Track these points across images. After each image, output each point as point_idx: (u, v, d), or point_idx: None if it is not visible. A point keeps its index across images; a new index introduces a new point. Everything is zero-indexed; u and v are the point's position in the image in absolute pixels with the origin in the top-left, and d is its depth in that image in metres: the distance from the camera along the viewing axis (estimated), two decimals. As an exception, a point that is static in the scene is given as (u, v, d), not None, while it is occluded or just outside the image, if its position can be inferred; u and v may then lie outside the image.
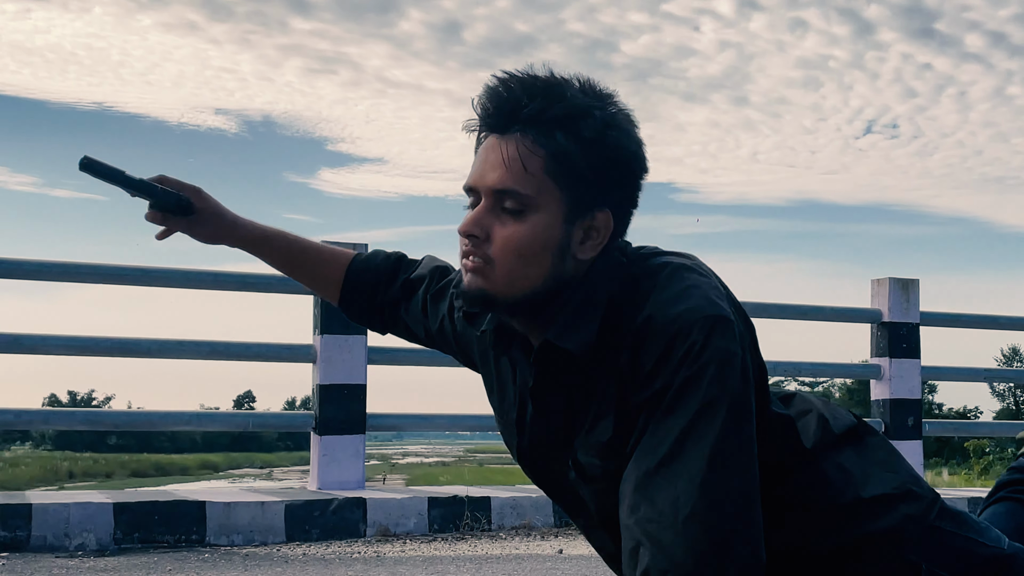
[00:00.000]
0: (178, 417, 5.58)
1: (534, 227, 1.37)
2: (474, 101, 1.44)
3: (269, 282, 5.98)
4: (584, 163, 1.37)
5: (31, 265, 5.40)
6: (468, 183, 1.44)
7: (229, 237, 1.82)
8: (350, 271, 1.84)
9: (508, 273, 1.38)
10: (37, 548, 4.48)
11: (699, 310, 1.32)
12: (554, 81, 1.39)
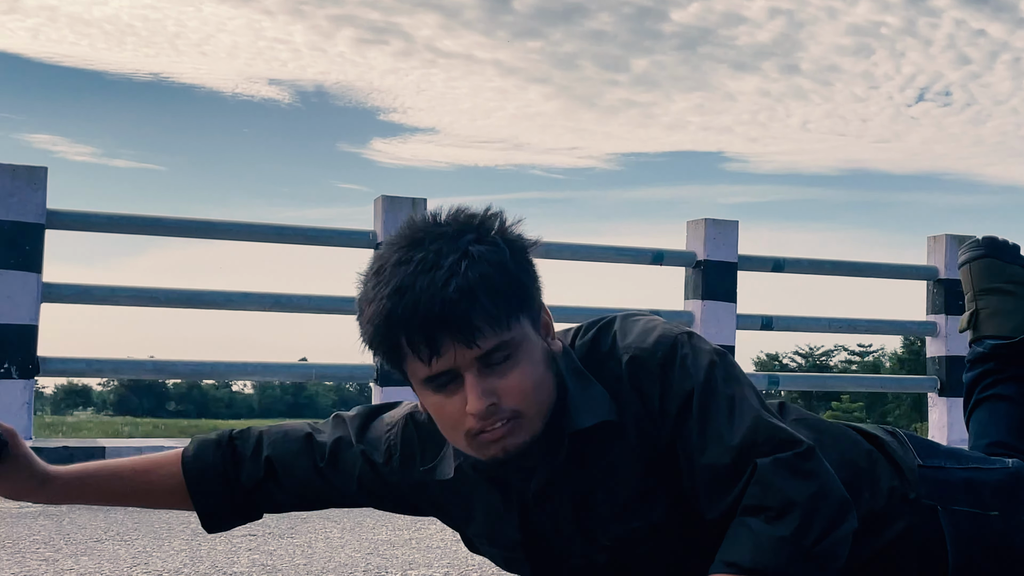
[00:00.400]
0: (243, 368, 5.73)
1: (529, 358, 1.40)
2: (403, 343, 1.36)
3: (331, 235, 6.11)
4: (519, 280, 1.38)
5: (100, 218, 5.59)
6: (438, 368, 1.35)
7: (37, 493, 1.65)
8: (186, 464, 1.68)
9: (537, 411, 1.41)
10: (112, 489, 4.65)
11: (669, 333, 1.46)
12: (450, 261, 1.33)
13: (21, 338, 5.17)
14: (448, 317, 1.31)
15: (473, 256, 1.33)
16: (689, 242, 7.07)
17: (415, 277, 1.32)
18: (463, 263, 1.32)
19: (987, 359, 2.07)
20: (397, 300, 1.32)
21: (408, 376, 1.42)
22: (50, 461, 4.56)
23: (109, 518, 3.65)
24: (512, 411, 1.38)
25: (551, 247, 6.69)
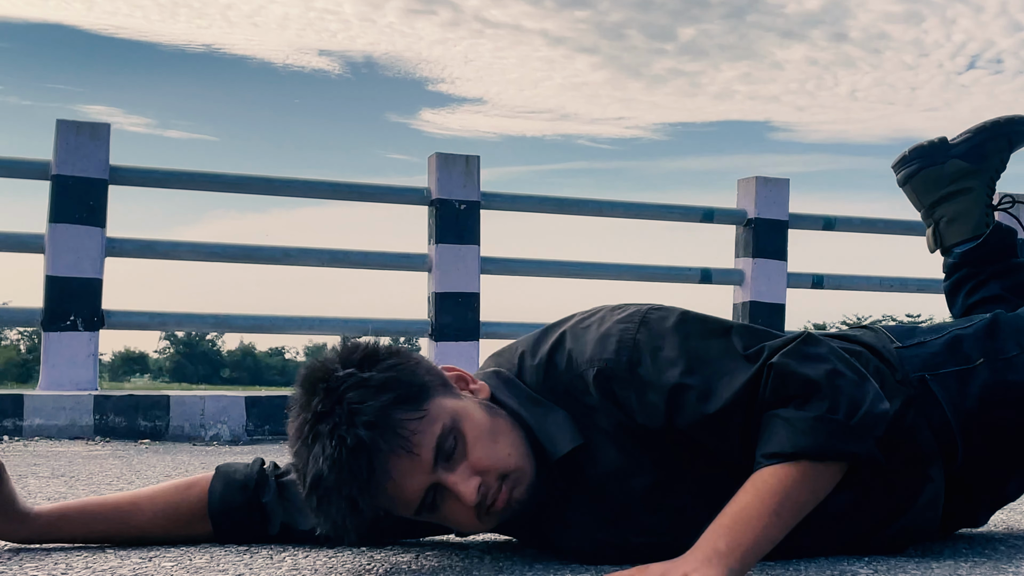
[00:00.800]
0: (300, 322, 5.83)
1: (471, 422, 1.42)
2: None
3: (385, 192, 6.18)
4: (404, 385, 1.37)
5: (161, 173, 5.70)
6: (423, 486, 1.38)
7: (16, 533, 1.60)
8: (213, 506, 1.65)
9: (518, 457, 1.43)
10: (175, 437, 4.79)
11: (627, 332, 1.47)
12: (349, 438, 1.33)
13: (86, 291, 5.30)
14: (374, 485, 1.33)
15: (356, 408, 1.33)
16: (740, 200, 7.05)
17: (321, 496, 1.33)
18: (357, 417, 1.32)
19: (960, 267, 2.06)
20: (326, 516, 1.35)
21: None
22: (116, 409, 4.70)
23: (177, 459, 3.76)
24: (499, 474, 1.41)
25: (602, 204, 6.71)
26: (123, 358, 79.31)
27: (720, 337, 1.47)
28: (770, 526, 1.30)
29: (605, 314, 1.52)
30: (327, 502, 1.34)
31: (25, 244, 5.38)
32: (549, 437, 1.47)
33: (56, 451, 3.98)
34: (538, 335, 1.56)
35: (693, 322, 1.49)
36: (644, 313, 1.49)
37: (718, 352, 1.45)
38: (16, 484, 2.66)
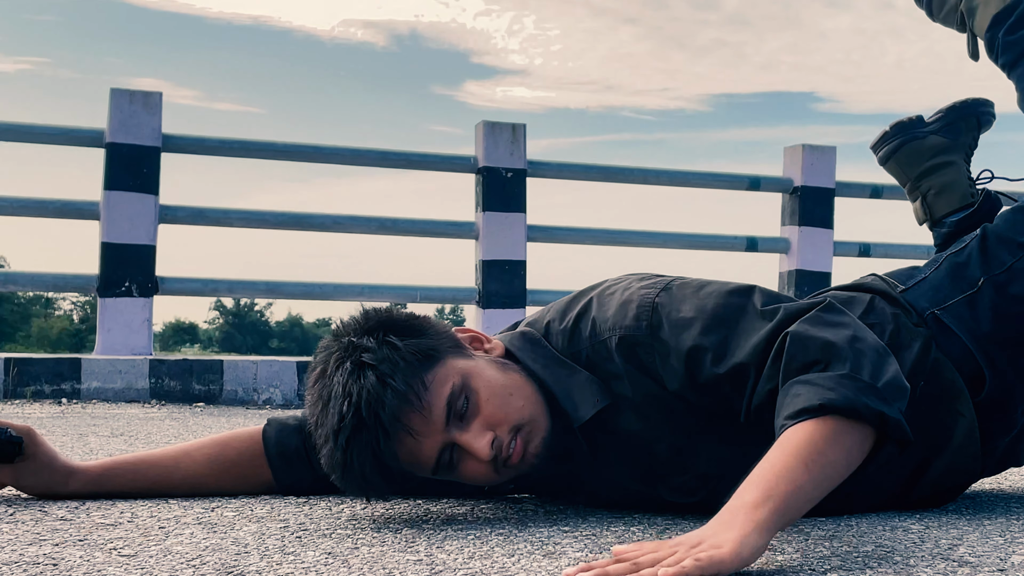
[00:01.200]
0: (349, 289, 5.89)
1: (482, 379, 1.45)
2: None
3: (433, 160, 6.22)
4: (416, 350, 1.42)
5: (212, 141, 5.77)
6: (437, 445, 1.42)
7: (65, 486, 1.64)
8: (268, 444, 1.71)
9: (530, 411, 1.46)
10: (228, 401, 4.88)
11: (647, 298, 1.47)
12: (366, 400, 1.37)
13: (140, 258, 5.40)
14: (387, 449, 1.37)
15: (368, 364, 1.38)
16: (786, 168, 7.01)
17: (340, 450, 1.38)
18: (367, 377, 1.36)
19: (954, 236, 2.06)
20: (348, 471, 1.39)
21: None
22: (171, 373, 4.81)
23: (232, 421, 3.85)
24: (512, 427, 1.45)
25: (648, 173, 6.69)
26: (174, 328, 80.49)
27: (739, 296, 1.46)
28: (800, 481, 1.20)
29: (631, 281, 1.53)
30: (344, 467, 1.39)
31: (81, 211, 5.49)
32: (571, 400, 1.50)
33: (113, 413, 4.08)
34: (567, 301, 1.58)
35: (713, 284, 1.48)
36: (668, 281, 1.50)
37: (735, 311, 1.44)
38: (78, 442, 2.76)
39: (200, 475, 1.70)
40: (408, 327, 1.46)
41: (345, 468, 1.39)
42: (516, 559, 1.24)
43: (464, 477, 1.47)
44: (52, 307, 63.12)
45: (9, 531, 1.38)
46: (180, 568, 1.16)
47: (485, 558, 1.25)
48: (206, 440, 1.72)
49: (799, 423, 1.26)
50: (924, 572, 1.21)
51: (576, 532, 1.44)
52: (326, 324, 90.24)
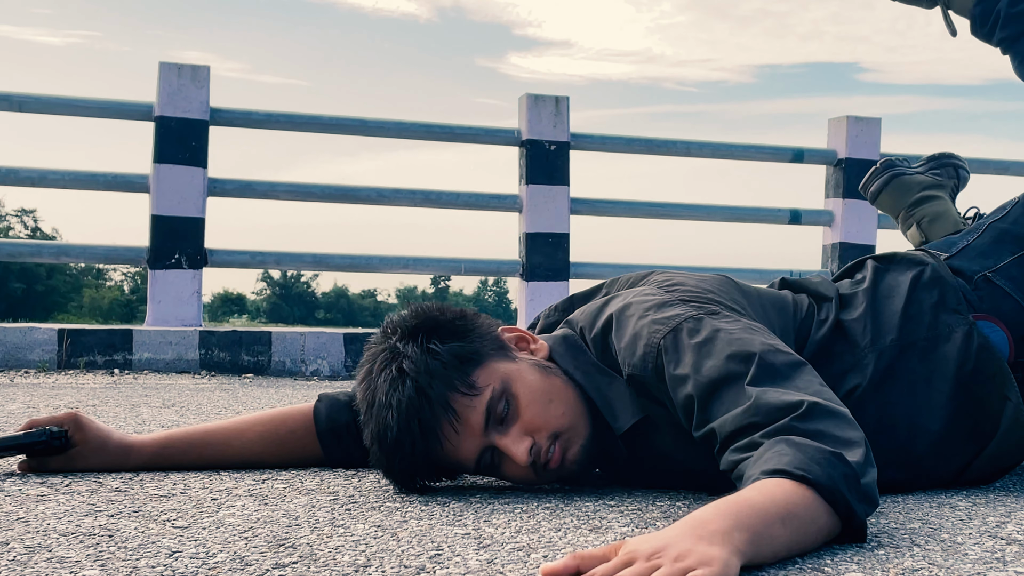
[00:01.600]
0: (395, 261, 5.93)
1: (523, 384, 1.47)
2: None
3: (477, 133, 6.22)
4: (456, 353, 1.45)
5: (259, 115, 5.81)
6: (470, 460, 1.47)
7: (124, 461, 1.68)
8: (319, 421, 1.74)
9: (570, 418, 1.48)
10: (277, 372, 4.94)
11: (654, 338, 1.42)
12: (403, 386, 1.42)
13: (189, 230, 5.47)
14: (432, 442, 1.43)
15: (407, 373, 1.42)
16: (830, 140, 6.95)
17: (384, 455, 1.45)
18: (405, 386, 1.41)
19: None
20: (391, 473, 1.49)
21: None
22: (220, 344, 4.87)
23: (280, 392, 3.90)
24: (551, 434, 1.47)
25: (691, 145, 6.65)
26: (222, 299, 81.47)
27: (738, 363, 1.33)
28: (775, 532, 1.08)
29: (646, 305, 1.47)
30: (388, 470, 1.48)
31: (132, 184, 5.56)
32: (611, 409, 1.50)
33: (164, 383, 4.15)
34: (595, 312, 1.56)
35: (719, 340, 1.37)
36: (678, 321, 1.42)
37: (727, 380, 1.33)
38: (130, 413, 2.81)
39: (254, 451, 1.74)
40: (452, 329, 1.48)
41: (388, 471, 1.49)
42: (563, 533, 1.26)
43: (505, 477, 1.51)
44: (103, 278, 64.13)
45: (66, 502, 1.42)
46: (232, 540, 1.19)
47: (532, 532, 1.26)
48: (260, 416, 1.76)
49: (775, 478, 1.15)
50: (972, 550, 1.20)
51: (622, 506, 1.45)
52: (372, 295, 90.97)
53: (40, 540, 1.17)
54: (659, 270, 1.65)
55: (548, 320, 1.76)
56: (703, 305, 1.46)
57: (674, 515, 1.41)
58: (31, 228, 64.04)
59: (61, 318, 45.78)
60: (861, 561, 1.13)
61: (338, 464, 1.77)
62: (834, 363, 1.58)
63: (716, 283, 1.57)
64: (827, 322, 1.62)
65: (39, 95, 5.46)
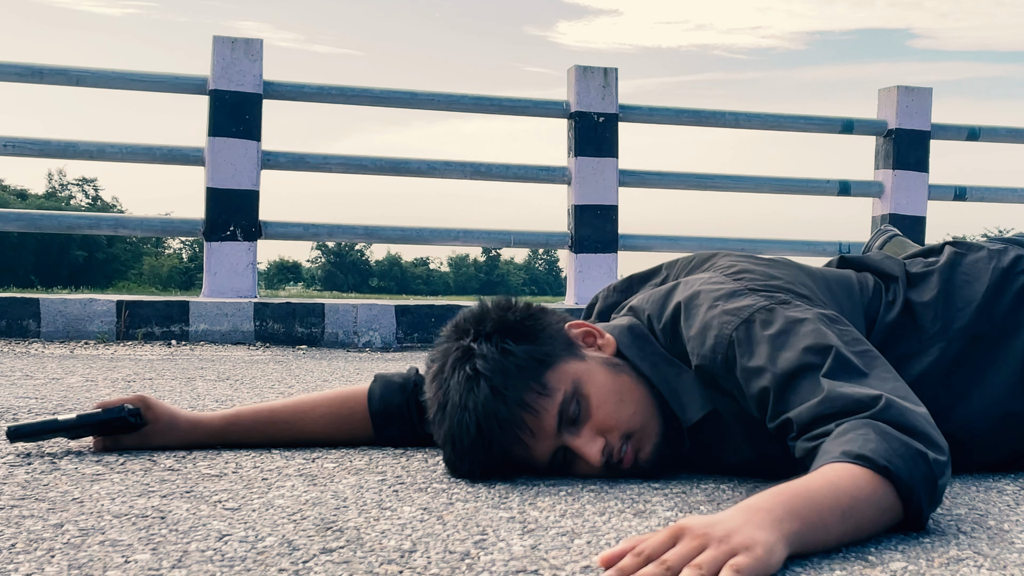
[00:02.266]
0: (446, 233, 5.95)
1: (594, 383, 1.47)
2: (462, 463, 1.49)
3: (526, 105, 6.20)
4: (528, 356, 1.45)
5: (311, 88, 5.85)
6: (549, 449, 1.47)
7: (192, 437, 1.73)
8: (373, 402, 1.77)
9: (642, 416, 1.48)
10: (330, 344, 5.00)
11: (725, 329, 1.40)
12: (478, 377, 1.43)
13: (244, 202, 5.53)
14: (507, 444, 1.44)
15: (482, 374, 1.42)
16: (880, 110, 6.86)
17: (458, 456, 1.47)
18: (480, 388, 1.42)
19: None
20: (461, 465, 1.48)
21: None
22: (274, 316, 4.94)
23: (333, 365, 3.94)
24: (623, 435, 1.47)
25: (739, 116, 6.58)
26: (278, 267, 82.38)
27: (814, 354, 1.32)
28: (831, 522, 1.10)
29: (716, 294, 1.45)
30: (458, 470, 1.50)
31: (187, 157, 5.62)
32: (679, 401, 1.50)
33: (220, 355, 4.22)
34: (661, 299, 1.55)
35: (795, 331, 1.35)
36: (751, 311, 1.39)
37: (804, 371, 1.31)
38: (185, 387, 2.86)
39: (316, 430, 1.77)
40: (524, 329, 1.48)
41: (458, 471, 1.50)
42: (607, 518, 1.27)
43: (578, 475, 1.52)
44: (163, 245, 65.07)
45: (120, 481, 1.45)
46: (281, 523, 1.21)
47: (576, 516, 1.27)
48: (323, 396, 1.79)
49: (852, 465, 1.15)
50: (1019, 538, 1.19)
51: (666, 489, 1.46)
52: (424, 263, 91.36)
53: (94, 522, 1.20)
54: (722, 253, 1.62)
55: (607, 302, 1.75)
56: (773, 294, 1.43)
57: (718, 498, 1.41)
58: (92, 196, 65.16)
59: (121, 285, 46.58)
60: (905, 550, 1.13)
61: (388, 444, 1.80)
62: (898, 345, 1.56)
63: (782, 268, 1.54)
64: (896, 303, 1.59)
65: (96, 69, 5.54)
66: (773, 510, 1.06)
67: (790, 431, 1.30)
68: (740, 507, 1.07)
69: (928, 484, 1.17)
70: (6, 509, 1.26)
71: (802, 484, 1.12)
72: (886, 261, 1.68)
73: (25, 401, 2.43)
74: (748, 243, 6.49)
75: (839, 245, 6.68)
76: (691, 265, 1.65)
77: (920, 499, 1.17)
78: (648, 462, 1.50)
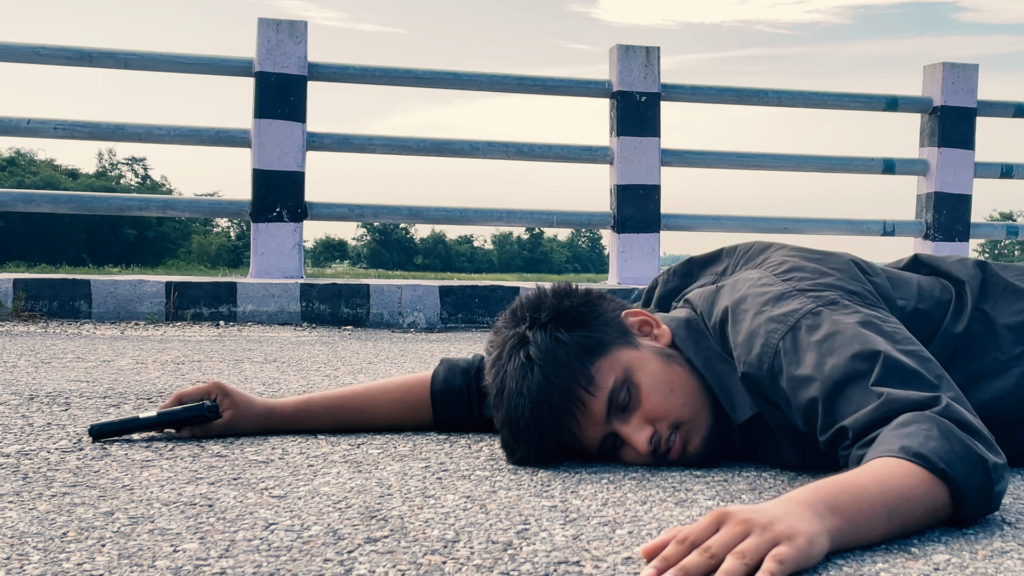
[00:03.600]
0: (489, 214, 5.96)
1: (646, 372, 1.48)
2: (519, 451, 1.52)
3: (568, 85, 6.17)
4: (581, 343, 1.47)
5: (355, 69, 5.86)
6: (598, 435, 1.49)
7: (268, 423, 1.77)
8: (435, 384, 1.81)
9: (692, 407, 1.48)
10: (375, 324, 5.04)
11: (772, 338, 1.38)
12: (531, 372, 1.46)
13: (289, 184, 5.57)
14: (559, 429, 1.47)
15: (535, 361, 1.45)
16: (925, 87, 6.76)
17: (514, 438, 1.49)
18: (533, 374, 1.44)
19: None
20: (518, 448, 1.50)
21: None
22: (320, 297, 4.97)
23: (378, 346, 3.97)
24: (671, 424, 1.49)
25: (782, 94, 6.50)
26: (324, 245, 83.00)
27: (862, 361, 1.29)
28: (876, 523, 1.09)
29: (763, 298, 1.43)
30: (514, 453, 1.51)
31: (233, 139, 5.67)
32: (730, 399, 1.50)
33: (267, 336, 4.27)
34: (710, 299, 1.54)
35: (839, 337, 1.32)
36: (799, 318, 1.37)
37: (853, 378, 1.28)
38: (233, 368, 2.90)
39: (385, 416, 1.82)
40: (578, 316, 1.50)
41: (515, 454, 1.52)
42: (648, 507, 1.27)
43: (626, 462, 1.53)
44: (211, 224, 65.76)
45: (169, 467, 1.48)
46: (326, 511, 1.23)
47: (618, 505, 1.28)
48: (391, 383, 1.84)
49: (907, 462, 1.13)
50: (1066, 532, 1.18)
51: (708, 477, 1.46)
52: (468, 241, 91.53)
53: (143, 510, 1.23)
54: (776, 245, 1.59)
55: (667, 287, 1.74)
56: (821, 294, 1.41)
57: (760, 486, 1.41)
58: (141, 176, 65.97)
59: (171, 263, 47.16)
60: (949, 542, 1.13)
61: (443, 425, 1.82)
62: (972, 362, 1.50)
63: (836, 264, 1.49)
64: (964, 313, 1.53)
65: (143, 52, 5.59)
66: (814, 504, 1.05)
67: (844, 439, 1.27)
68: (782, 499, 1.07)
69: (983, 491, 1.16)
70: (58, 496, 1.29)
71: (849, 480, 1.11)
72: (958, 265, 1.62)
73: (77, 384, 2.48)
74: (792, 222, 6.43)
75: (883, 224, 6.60)
76: (749, 254, 1.62)
77: (972, 505, 1.16)
78: (697, 455, 1.51)
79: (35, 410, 2.04)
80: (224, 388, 1.74)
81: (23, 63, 5.53)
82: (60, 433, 1.76)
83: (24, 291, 4.79)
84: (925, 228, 6.70)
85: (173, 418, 1.70)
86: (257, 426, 1.76)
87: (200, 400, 1.72)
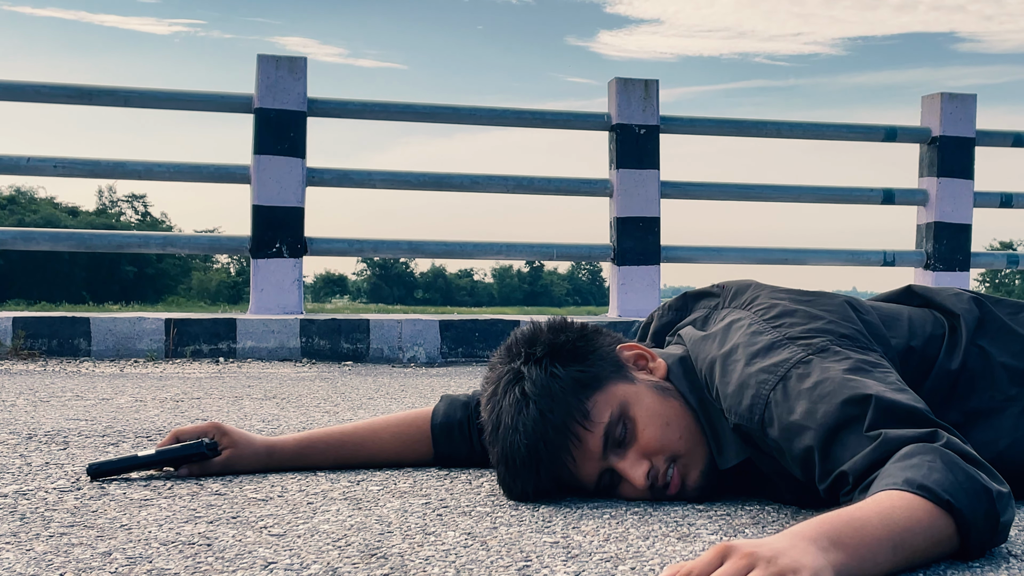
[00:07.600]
0: (489, 247, 5.96)
1: (641, 406, 1.48)
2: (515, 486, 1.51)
3: (567, 118, 6.20)
4: (576, 379, 1.46)
5: (355, 105, 5.90)
6: (595, 471, 1.48)
7: (269, 461, 1.76)
8: (435, 418, 1.80)
9: (689, 441, 1.48)
10: (375, 359, 5.02)
11: (763, 389, 1.37)
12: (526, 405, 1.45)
13: (289, 219, 5.58)
14: (555, 465, 1.46)
15: (530, 397, 1.44)
16: (924, 117, 6.80)
17: (510, 475, 1.48)
18: (529, 410, 1.44)
19: None
20: (514, 485, 1.49)
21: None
22: (320, 332, 4.96)
23: (378, 381, 3.96)
24: (668, 458, 1.48)
25: (781, 126, 6.53)
26: (324, 280, 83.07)
27: (854, 406, 1.28)
28: (881, 556, 1.07)
29: (755, 350, 1.42)
30: (511, 490, 1.50)
31: (233, 175, 5.69)
32: (719, 443, 1.49)
33: (267, 372, 4.26)
34: (699, 344, 1.53)
35: (828, 383, 1.31)
36: (789, 368, 1.36)
37: (846, 424, 1.28)
38: (233, 406, 2.89)
39: (386, 451, 1.81)
40: (573, 351, 1.50)
41: (512, 491, 1.51)
42: (651, 542, 1.26)
43: (624, 498, 1.52)
44: (211, 260, 65.85)
45: (167, 507, 1.47)
46: (326, 548, 1.22)
47: (620, 540, 1.26)
48: (392, 418, 1.83)
49: (908, 494, 1.12)
50: (1074, 565, 1.17)
51: (710, 512, 1.45)
52: (468, 275, 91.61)
53: (141, 550, 1.21)
54: (768, 289, 1.57)
55: (662, 320, 1.74)
56: (811, 342, 1.40)
57: (763, 520, 1.40)
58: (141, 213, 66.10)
59: (171, 299, 47.14)
60: (954, 574, 1.11)
61: (444, 460, 1.81)
62: (970, 398, 1.49)
63: (828, 306, 1.48)
64: (958, 348, 1.52)
65: (144, 89, 5.62)
66: (818, 539, 1.04)
67: (844, 485, 1.26)
68: (786, 532, 1.06)
69: (989, 521, 1.15)
70: (56, 537, 1.28)
71: (853, 514, 1.10)
72: (952, 298, 1.60)
73: (75, 423, 2.47)
74: (792, 253, 6.43)
75: (883, 254, 6.61)
76: (741, 291, 1.60)
77: (979, 535, 1.14)
78: (696, 488, 1.50)
79: (33, 449, 2.03)
80: (221, 427, 1.74)
81: (24, 102, 5.56)
82: (58, 472, 1.75)
83: (23, 329, 4.79)
84: (926, 258, 6.70)
85: (172, 456, 1.69)
86: (256, 464, 1.75)
87: (198, 438, 1.71)
